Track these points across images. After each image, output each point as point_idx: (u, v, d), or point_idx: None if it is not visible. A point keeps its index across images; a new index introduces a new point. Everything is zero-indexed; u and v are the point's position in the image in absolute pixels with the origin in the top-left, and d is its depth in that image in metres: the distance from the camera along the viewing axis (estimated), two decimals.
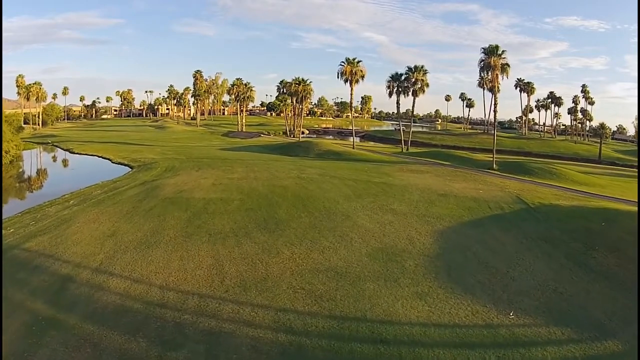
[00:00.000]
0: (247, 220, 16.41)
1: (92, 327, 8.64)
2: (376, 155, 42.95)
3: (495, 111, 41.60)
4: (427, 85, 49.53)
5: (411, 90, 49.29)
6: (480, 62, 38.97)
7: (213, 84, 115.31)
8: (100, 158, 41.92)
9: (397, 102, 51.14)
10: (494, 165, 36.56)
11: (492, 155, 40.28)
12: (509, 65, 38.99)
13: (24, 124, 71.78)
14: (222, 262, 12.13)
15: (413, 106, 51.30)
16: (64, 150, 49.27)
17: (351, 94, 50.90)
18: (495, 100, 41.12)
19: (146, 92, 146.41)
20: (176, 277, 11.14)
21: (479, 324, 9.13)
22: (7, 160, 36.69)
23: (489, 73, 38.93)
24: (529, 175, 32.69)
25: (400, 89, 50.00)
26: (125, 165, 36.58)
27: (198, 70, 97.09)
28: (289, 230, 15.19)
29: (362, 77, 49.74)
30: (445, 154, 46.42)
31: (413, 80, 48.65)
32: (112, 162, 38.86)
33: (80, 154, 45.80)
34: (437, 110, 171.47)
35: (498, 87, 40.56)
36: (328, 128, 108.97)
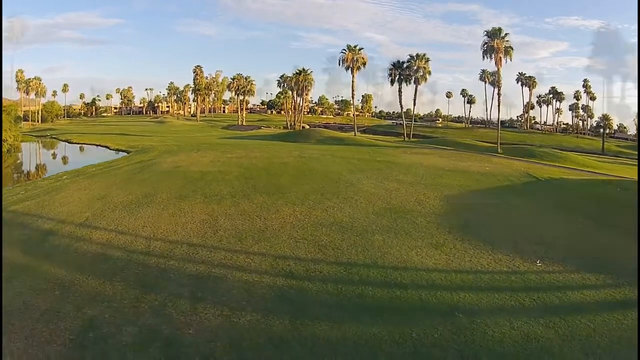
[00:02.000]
0: (245, 186, 15.46)
1: (65, 272, 7.70)
2: (379, 142, 42.07)
3: (499, 94, 40.82)
4: (430, 73, 48.69)
5: (413, 78, 48.37)
6: (484, 45, 38.14)
7: (213, 81, 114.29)
8: (98, 146, 41.24)
9: (399, 90, 50.19)
10: (499, 149, 35.74)
11: (496, 145, 39.38)
12: (512, 48, 38.20)
13: (24, 120, 70.83)
14: (217, 218, 11.15)
15: (415, 94, 50.31)
16: (62, 141, 48.52)
17: (352, 82, 49.96)
18: (498, 84, 40.21)
19: (146, 89, 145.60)
20: (165, 229, 10.15)
21: (504, 271, 8.17)
22: (5, 149, 35.86)
23: (492, 56, 38.04)
24: (534, 158, 31.99)
25: (402, 77, 49.05)
26: (123, 151, 35.85)
27: (198, 65, 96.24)
28: (289, 193, 14.23)
29: (364, 64, 48.87)
30: (449, 140, 45.54)
31: (415, 67, 47.73)
32: (110, 149, 38.17)
33: (78, 143, 45.17)
34: (437, 110, 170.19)
35: (500, 77, 39.73)
36: (329, 123, 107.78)
